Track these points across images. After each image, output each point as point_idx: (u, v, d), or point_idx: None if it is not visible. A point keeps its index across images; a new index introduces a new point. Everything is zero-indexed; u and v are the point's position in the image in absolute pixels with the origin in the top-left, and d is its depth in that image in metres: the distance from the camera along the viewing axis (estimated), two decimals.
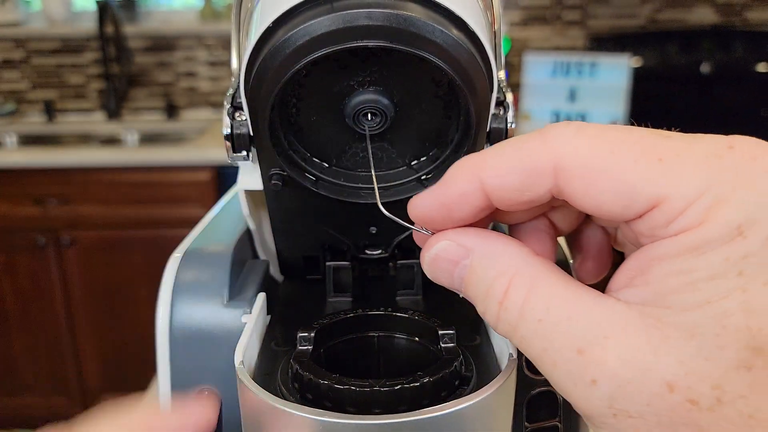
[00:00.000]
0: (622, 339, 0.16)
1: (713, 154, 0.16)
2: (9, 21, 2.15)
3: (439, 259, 0.20)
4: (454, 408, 0.22)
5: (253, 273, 0.33)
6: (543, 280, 0.18)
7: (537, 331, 0.18)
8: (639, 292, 0.17)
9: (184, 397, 0.30)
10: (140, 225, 1.81)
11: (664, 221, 0.17)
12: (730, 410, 0.15)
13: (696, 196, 0.16)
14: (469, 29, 0.23)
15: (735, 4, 2.11)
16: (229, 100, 0.27)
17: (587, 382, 0.17)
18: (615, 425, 0.17)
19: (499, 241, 0.19)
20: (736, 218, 0.16)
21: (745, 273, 0.16)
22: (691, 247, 0.16)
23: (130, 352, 1.87)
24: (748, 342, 0.15)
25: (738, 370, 0.15)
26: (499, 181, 0.18)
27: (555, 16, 2.14)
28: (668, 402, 0.16)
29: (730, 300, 0.16)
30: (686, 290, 0.16)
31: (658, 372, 0.16)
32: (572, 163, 0.17)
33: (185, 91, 2.25)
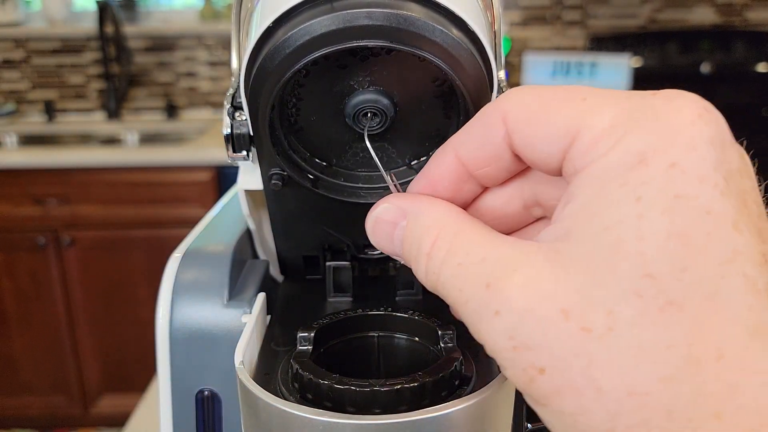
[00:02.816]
0: (526, 271, 0.17)
1: (636, 96, 0.17)
2: (9, 21, 2.15)
3: (379, 221, 0.21)
4: (454, 408, 0.22)
5: (253, 273, 0.33)
6: (466, 231, 0.19)
7: (456, 274, 0.18)
8: (552, 230, 0.17)
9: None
10: (140, 225, 1.81)
11: (580, 153, 0.17)
12: (621, 339, 0.15)
13: (608, 128, 0.16)
14: (469, 29, 0.23)
15: (735, 4, 2.11)
16: (229, 100, 0.27)
17: (491, 314, 0.17)
18: (515, 359, 0.16)
19: (431, 201, 0.21)
20: (639, 146, 0.16)
21: (643, 199, 0.15)
22: (598, 176, 0.16)
23: (130, 352, 1.87)
24: (639, 269, 0.15)
25: (629, 297, 0.15)
26: (466, 141, 0.20)
27: (555, 16, 2.14)
28: (563, 330, 0.16)
29: (625, 226, 0.15)
30: (589, 219, 0.16)
31: (556, 299, 0.16)
32: (515, 111, 0.19)
33: (185, 91, 2.25)
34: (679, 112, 0.16)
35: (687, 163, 0.16)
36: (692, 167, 0.16)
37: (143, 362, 1.80)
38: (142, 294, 1.84)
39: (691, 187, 0.15)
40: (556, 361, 0.16)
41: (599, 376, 0.15)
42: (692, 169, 0.16)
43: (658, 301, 0.15)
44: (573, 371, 0.15)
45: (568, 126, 0.17)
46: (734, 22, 2.12)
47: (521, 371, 0.16)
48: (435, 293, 0.19)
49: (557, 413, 0.16)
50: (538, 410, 0.17)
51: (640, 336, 0.15)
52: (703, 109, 0.17)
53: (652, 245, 0.15)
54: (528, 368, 0.16)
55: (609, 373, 0.15)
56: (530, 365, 0.16)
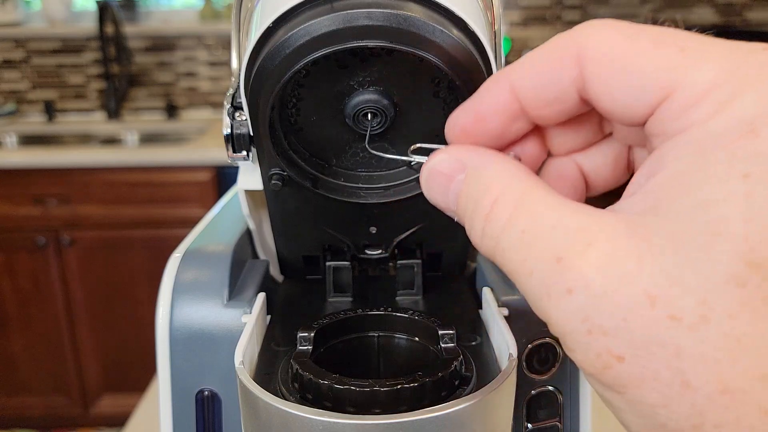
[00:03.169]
0: (605, 246, 0.15)
1: (743, 48, 0.15)
2: (9, 21, 2.15)
3: (434, 172, 0.19)
4: (454, 408, 0.22)
5: (253, 273, 0.33)
6: (532, 195, 0.17)
7: (520, 242, 0.16)
8: (638, 200, 0.15)
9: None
10: (140, 225, 1.81)
11: (674, 114, 0.15)
12: (715, 331, 0.13)
13: (711, 87, 0.14)
14: (469, 29, 0.23)
15: (735, 4, 2.11)
16: (229, 100, 0.27)
17: (562, 292, 0.15)
18: (588, 344, 0.15)
19: (494, 156, 0.18)
20: (750, 113, 0.14)
21: (752, 175, 0.13)
22: (697, 144, 0.14)
23: (130, 352, 1.87)
24: (744, 254, 0.13)
25: (728, 285, 0.13)
26: (527, 76, 0.18)
27: (555, 16, 2.14)
28: (647, 317, 0.14)
29: (730, 204, 0.14)
30: (685, 193, 0.14)
31: (640, 282, 0.14)
32: (594, 51, 0.16)
33: (185, 91, 2.25)
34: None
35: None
36: None
37: (143, 362, 1.80)
38: (142, 294, 1.84)
39: None
40: (638, 350, 0.14)
41: (688, 370, 0.14)
42: None
43: (762, 292, 0.13)
44: (657, 362, 0.14)
45: (662, 79, 0.15)
46: (734, 22, 2.12)
47: (594, 356, 0.15)
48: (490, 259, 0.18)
49: (633, 403, 0.15)
50: (607, 396, 0.15)
51: (740, 328, 0.13)
52: None
53: (761, 228, 0.13)
54: (603, 354, 0.15)
55: (700, 367, 0.14)
56: (606, 351, 0.15)
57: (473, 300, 0.32)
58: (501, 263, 0.17)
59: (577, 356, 0.15)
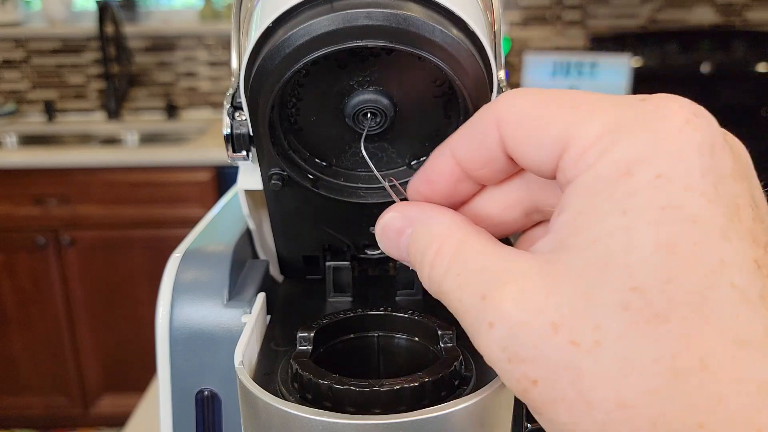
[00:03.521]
0: (519, 284, 0.17)
1: (626, 103, 0.17)
2: (9, 21, 2.15)
3: (387, 229, 0.22)
4: (454, 408, 0.22)
5: (253, 273, 0.33)
6: (469, 242, 0.19)
7: (456, 284, 0.18)
8: (546, 242, 0.17)
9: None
10: (140, 225, 1.81)
11: (571, 163, 0.17)
12: (608, 353, 0.15)
13: (596, 138, 0.16)
14: (469, 29, 0.23)
15: (735, 4, 2.11)
16: (229, 100, 0.27)
17: (486, 326, 0.17)
18: (511, 371, 0.17)
19: (437, 210, 0.21)
20: (625, 157, 0.16)
21: (630, 211, 0.15)
22: (587, 187, 0.16)
23: (130, 352, 1.87)
24: (627, 281, 0.15)
25: (616, 310, 0.15)
26: (461, 144, 0.20)
27: (555, 16, 2.14)
28: (553, 343, 0.16)
29: (614, 239, 0.15)
30: (580, 232, 0.16)
31: (547, 313, 0.16)
32: (509, 115, 0.19)
33: (185, 91, 2.25)
34: (665, 120, 0.16)
35: (673, 172, 0.15)
36: (678, 176, 0.15)
37: (143, 362, 1.80)
38: (142, 294, 1.84)
39: (677, 196, 0.15)
40: (548, 374, 0.16)
41: (588, 389, 0.15)
42: (678, 179, 0.15)
43: (644, 314, 0.15)
44: (563, 384, 0.16)
45: (559, 135, 0.17)
46: (734, 22, 2.12)
47: (516, 382, 0.17)
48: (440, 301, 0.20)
49: (551, 422, 0.16)
50: (536, 418, 0.17)
51: (627, 349, 0.15)
52: (692, 114, 0.16)
53: (638, 257, 0.15)
54: (521, 379, 0.16)
55: (598, 386, 0.15)
56: (523, 376, 0.16)
57: None
58: (446, 303, 0.19)
59: (505, 382, 0.17)
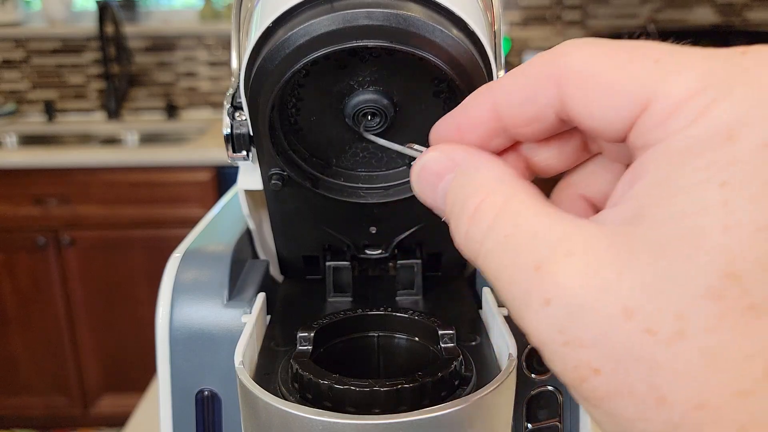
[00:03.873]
0: (585, 257, 0.14)
1: (719, 56, 0.15)
2: (9, 21, 2.15)
3: (425, 170, 0.19)
4: (454, 408, 0.22)
5: (253, 273, 0.33)
6: (518, 199, 0.17)
7: (501, 247, 0.16)
8: (618, 211, 0.15)
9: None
10: (140, 225, 1.81)
11: (653, 125, 0.15)
12: (691, 345, 0.13)
13: (688, 96, 0.14)
14: (469, 29, 0.23)
15: (735, 4, 2.11)
16: (229, 100, 0.27)
17: (540, 302, 0.15)
18: (566, 356, 0.15)
19: (485, 157, 0.18)
20: (726, 120, 0.14)
21: (730, 184, 0.13)
22: (676, 153, 0.14)
23: (130, 352, 1.87)
24: (722, 266, 0.13)
25: (706, 298, 0.13)
26: (507, 95, 0.18)
27: (555, 16, 2.14)
28: (624, 330, 0.14)
29: (709, 215, 0.13)
30: (664, 203, 0.14)
31: (618, 294, 0.14)
32: (571, 68, 0.16)
33: (185, 91, 2.25)
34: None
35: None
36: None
37: (143, 362, 1.80)
38: (142, 294, 1.84)
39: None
40: (614, 364, 0.14)
41: (663, 385, 0.14)
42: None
43: (740, 305, 0.13)
44: (633, 376, 0.14)
45: (638, 92, 0.15)
46: (734, 22, 2.12)
47: (572, 368, 0.15)
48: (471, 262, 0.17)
49: (611, 415, 0.15)
50: (587, 407, 0.15)
51: (716, 343, 0.13)
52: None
53: (737, 238, 0.13)
54: (580, 367, 0.14)
55: (675, 382, 0.13)
56: (583, 364, 0.14)
57: (473, 300, 0.32)
58: (483, 268, 0.17)
59: (555, 367, 0.15)
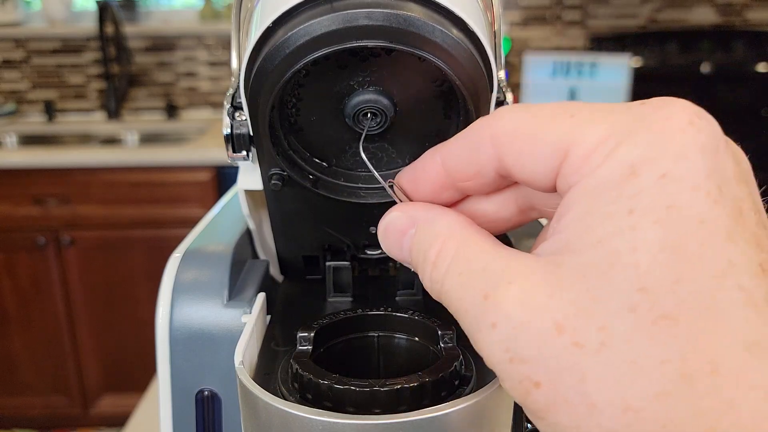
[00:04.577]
0: (523, 283, 0.17)
1: (624, 108, 0.17)
2: (9, 21, 2.15)
3: (389, 228, 0.22)
4: (454, 408, 0.22)
5: (253, 273, 0.33)
6: (471, 242, 0.19)
7: (457, 283, 0.18)
8: (549, 244, 0.17)
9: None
10: (140, 225, 1.81)
11: (572, 169, 0.17)
12: (614, 355, 0.15)
13: (598, 142, 0.16)
14: (469, 29, 0.23)
15: (735, 4, 2.11)
16: (229, 100, 0.27)
17: (488, 326, 0.17)
18: (511, 373, 0.16)
19: (440, 211, 0.21)
20: (629, 158, 0.16)
21: (636, 210, 0.15)
22: (591, 190, 0.16)
23: (130, 352, 1.87)
24: (634, 282, 0.15)
25: (623, 311, 0.15)
26: (452, 153, 0.20)
27: (555, 16, 2.14)
28: (556, 344, 0.15)
29: (620, 239, 0.15)
30: (584, 233, 0.16)
31: (550, 312, 0.16)
32: (504, 129, 0.19)
33: (185, 91, 2.25)
34: (668, 120, 0.16)
35: (678, 172, 0.15)
36: (684, 176, 0.15)
37: (143, 362, 1.80)
38: (142, 294, 1.84)
39: (683, 196, 0.15)
40: (551, 375, 0.16)
41: (593, 392, 0.15)
42: (684, 179, 0.15)
43: (651, 315, 0.15)
44: (566, 386, 0.15)
45: (559, 143, 0.17)
46: (734, 22, 2.12)
47: (517, 384, 0.16)
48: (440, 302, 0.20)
49: (553, 426, 0.16)
50: (536, 422, 0.17)
51: (634, 351, 0.15)
52: (695, 116, 0.16)
53: (645, 257, 0.15)
54: (524, 381, 0.16)
55: (603, 388, 0.15)
56: (526, 378, 0.16)
57: None
58: (446, 304, 0.19)
59: (505, 384, 0.17)
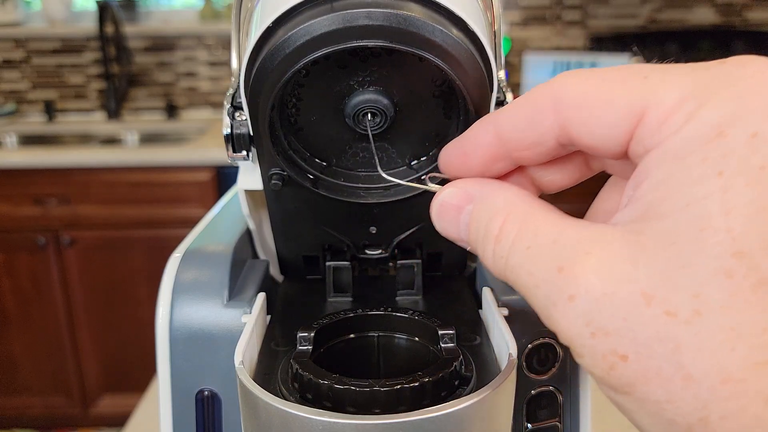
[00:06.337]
0: (601, 254, 0.16)
1: (701, 67, 0.16)
2: (9, 21, 2.15)
3: (445, 205, 0.21)
4: (454, 408, 0.22)
5: (253, 273, 0.33)
6: (535, 214, 0.18)
7: (525, 257, 0.18)
8: (627, 212, 0.17)
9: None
10: (140, 225, 1.81)
11: (650, 132, 0.16)
12: (710, 323, 0.14)
13: (677, 103, 0.16)
14: (469, 29, 0.23)
15: (735, 4, 2.11)
16: (229, 100, 0.27)
17: (565, 299, 0.16)
18: (593, 347, 0.16)
19: (498, 185, 0.20)
20: (715, 118, 0.15)
21: (726, 173, 0.15)
22: (673, 153, 0.16)
23: (130, 352, 1.87)
24: (728, 246, 0.14)
25: (718, 277, 0.14)
26: (509, 121, 0.19)
27: (555, 16, 2.14)
28: (645, 315, 0.15)
29: (710, 202, 0.15)
30: (667, 197, 0.15)
31: (636, 282, 0.15)
32: (568, 94, 0.18)
33: (185, 91, 2.25)
34: (754, 78, 0.15)
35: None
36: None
37: (143, 362, 1.80)
38: (142, 294, 1.84)
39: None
40: (640, 348, 0.15)
41: (688, 363, 0.14)
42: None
43: (749, 280, 0.14)
44: (659, 358, 0.15)
45: (633, 106, 0.16)
46: (734, 22, 2.12)
47: (600, 358, 0.16)
48: (503, 280, 0.19)
49: (641, 401, 0.15)
50: (617, 399, 0.16)
51: (733, 319, 0.14)
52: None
53: (739, 220, 0.14)
54: (608, 355, 0.15)
55: (699, 359, 0.14)
56: (611, 352, 0.15)
57: (473, 300, 0.32)
58: (511, 280, 0.18)
59: (585, 361, 0.16)
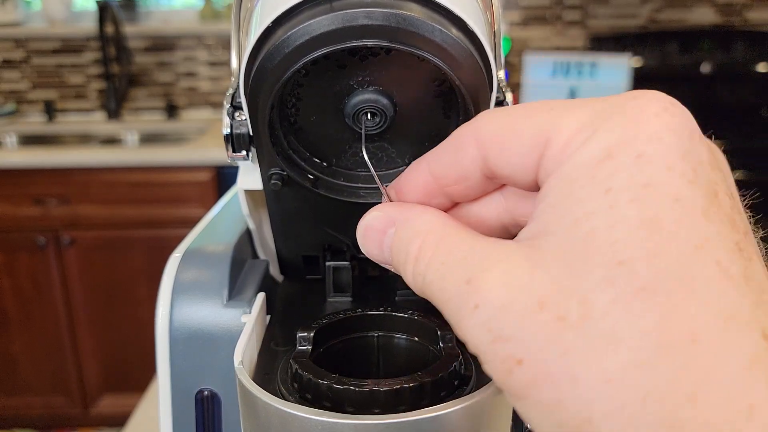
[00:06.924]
0: (504, 266, 0.17)
1: (601, 99, 0.18)
2: (9, 21, 2.15)
3: (369, 228, 0.22)
4: (454, 408, 0.22)
5: (253, 273, 0.33)
6: (451, 234, 0.19)
7: (439, 273, 0.19)
8: (528, 229, 0.18)
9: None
10: (140, 225, 1.81)
11: (552, 159, 0.18)
12: (595, 327, 0.15)
13: (575, 131, 0.17)
14: (469, 29, 0.23)
15: (735, 4, 2.11)
16: (229, 100, 0.27)
17: (471, 309, 0.17)
18: (494, 353, 0.17)
19: (420, 209, 0.21)
20: (605, 141, 0.16)
21: (612, 190, 0.16)
22: (568, 175, 0.17)
23: (130, 352, 1.87)
24: (612, 256, 0.15)
25: (603, 284, 0.15)
26: (438, 158, 0.21)
27: (555, 16, 2.14)
28: (539, 320, 0.16)
29: (597, 217, 0.16)
30: (562, 215, 0.17)
31: (532, 290, 0.16)
32: (487, 129, 0.19)
33: (185, 91, 2.25)
34: (643, 107, 0.17)
35: (653, 153, 0.16)
36: (659, 157, 0.16)
37: (143, 362, 1.80)
38: (142, 294, 1.84)
39: (659, 175, 0.16)
40: (533, 352, 0.16)
41: (575, 364, 0.15)
42: (659, 159, 0.16)
43: (630, 288, 0.15)
44: (549, 361, 0.16)
45: (538, 134, 0.18)
46: (734, 22, 2.12)
47: (500, 363, 0.17)
48: (422, 296, 0.20)
49: (535, 405, 0.16)
50: (517, 406, 0.17)
51: (614, 323, 0.15)
52: (668, 104, 0.17)
53: (623, 233, 0.16)
54: (506, 360, 0.16)
55: (584, 360, 0.15)
56: (508, 357, 0.16)
57: None
58: (429, 297, 0.19)
59: (488, 367, 0.17)
